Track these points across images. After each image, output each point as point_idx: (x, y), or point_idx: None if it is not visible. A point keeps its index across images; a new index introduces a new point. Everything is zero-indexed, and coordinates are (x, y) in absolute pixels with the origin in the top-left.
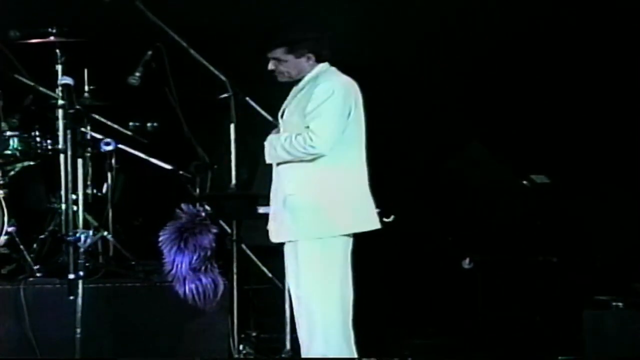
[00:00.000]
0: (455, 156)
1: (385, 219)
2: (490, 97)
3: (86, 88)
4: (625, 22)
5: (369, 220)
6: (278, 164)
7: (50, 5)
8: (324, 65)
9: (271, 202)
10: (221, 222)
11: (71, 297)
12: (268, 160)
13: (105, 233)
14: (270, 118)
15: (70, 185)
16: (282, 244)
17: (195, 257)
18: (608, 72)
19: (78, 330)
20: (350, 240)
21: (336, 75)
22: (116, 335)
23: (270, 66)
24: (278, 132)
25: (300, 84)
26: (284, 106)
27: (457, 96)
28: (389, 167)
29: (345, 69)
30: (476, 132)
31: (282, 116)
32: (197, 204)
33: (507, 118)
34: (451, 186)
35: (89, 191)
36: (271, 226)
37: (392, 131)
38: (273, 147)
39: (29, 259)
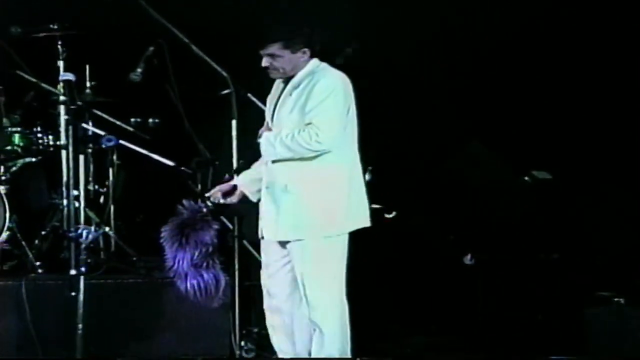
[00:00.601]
0: (455, 156)
1: (387, 215)
2: (490, 96)
3: (88, 84)
4: (625, 22)
5: (362, 217)
6: (272, 162)
7: (52, 2)
8: (316, 61)
9: (263, 199)
10: (222, 218)
11: (73, 293)
12: (265, 158)
13: (107, 229)
14: None
15: (71, 181)
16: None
17: (196, 253)
18: (608, 71)
19: (80, 327)
20: (347, 238)
21: (334, 71)
22: (118, 331)
23: (265, 63)
24: (268, 129)
25: (294, 80)
26: (271, 102)
27: (457, 96)
28: (389, 166)
29: (345, 69)
30: (476, 132)
31: (272, 113)
32: (199, 200)
33: (507, 117)
34: (451, 185)
35: (90, 187)
36: (264, 224)
37: (392, 131)
38: (271, 145)
39: (30, 255)
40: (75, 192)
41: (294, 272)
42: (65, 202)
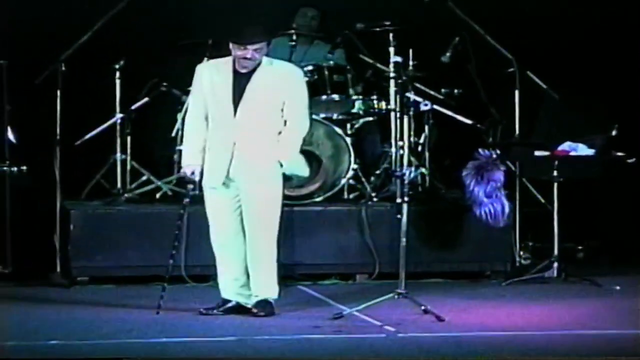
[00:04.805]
0: None
1: (628, 161)
2: None
3: (410, 64)
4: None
5: None
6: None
7: (384, 4)
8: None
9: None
10: (508, 162)
11: (398, 216)
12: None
13: (423, 170)
14: (544, 86)
15: (398, 135)
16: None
17: (488, 188)
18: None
19: (403, 240)
20: None
21: (289, 63)
22: (431, 245)
23: (250, 55)
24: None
25: (263, 68)
26: (230, 88)
27: None
28: (633, 120)
29: None
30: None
31: (240, 95)
32: (490, 149)
33: None
34: None
35: (411, 139)
36: (250, 156)
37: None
38: (293, 156)
39: (368, 189)
40: (401, 143)
41: (241, 214)
42: (393, 150)
